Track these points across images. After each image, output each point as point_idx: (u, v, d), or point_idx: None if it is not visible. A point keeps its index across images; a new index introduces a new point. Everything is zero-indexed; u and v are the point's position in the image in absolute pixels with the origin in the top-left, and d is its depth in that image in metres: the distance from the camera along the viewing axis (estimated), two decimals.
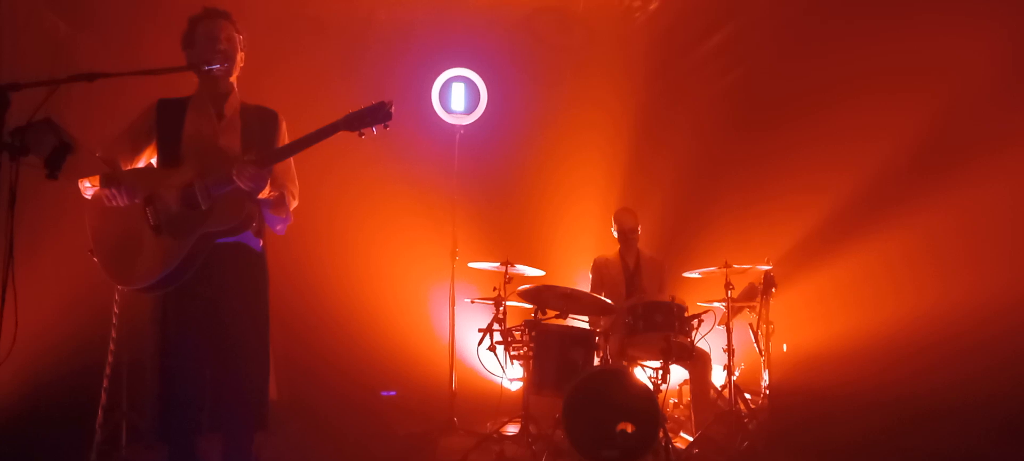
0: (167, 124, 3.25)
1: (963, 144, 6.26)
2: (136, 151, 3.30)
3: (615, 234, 6.22)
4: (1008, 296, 5.83)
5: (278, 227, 3.39)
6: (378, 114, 3.06)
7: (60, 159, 2.41)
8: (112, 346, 4.44)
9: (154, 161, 3.30)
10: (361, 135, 3.08)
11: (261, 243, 3.32)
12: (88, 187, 3.08)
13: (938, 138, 6.28)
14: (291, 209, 3.40)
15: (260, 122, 3.35)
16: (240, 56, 3.36)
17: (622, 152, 7.54)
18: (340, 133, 3.11)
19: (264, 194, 3.15)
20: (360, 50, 6.97)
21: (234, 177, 2.99)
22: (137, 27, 5.72)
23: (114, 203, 3.03)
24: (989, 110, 6.16)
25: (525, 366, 5.14)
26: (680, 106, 7.73)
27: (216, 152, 3.14)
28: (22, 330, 2.40)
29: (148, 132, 3.28)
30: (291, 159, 3.42)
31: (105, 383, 4.41)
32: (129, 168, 3.26)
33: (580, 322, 5.70)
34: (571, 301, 5.11)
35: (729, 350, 5.34)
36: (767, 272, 5.38)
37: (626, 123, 7.53)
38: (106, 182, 3.01)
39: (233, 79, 3.34)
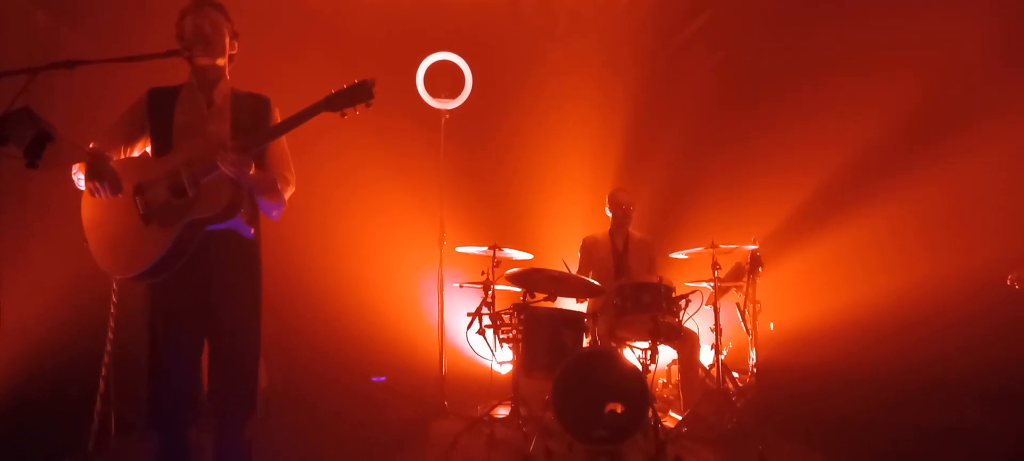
0: (158, 113, 3.24)
1: (949, 118, 6.28)
2: (130, 141, 3.30)
3: (608, 213, 6.23)
4: (996, 269, 5.86)
5: (273, 213, 3.38)
6: (360, 93, 3.01)
7: (40, 148, 2.39)
8: (111, 335, 4.43)
9: (150, 150, 3.30)
10: (343, 115, 3.04)
11: (252, 231, 3.31)
12: (81, 177, 3.07)
13: (924, 113, 6.30)
14: (287, 195, 3.39)
15: (251, 108, 3.33)
16: (230, 43, 3.35)
17: (608, 135, 7.56)
18: (326, 122, 3.09)
19: (253, 179, 3.12)
20: (344, 36, 6.93)
21: (218, 163, 2.98)
22: (120, 18, 5.67)
23: (98, 195, 3.02)
24: (976, 84, 6.18)
25: (514, 349, 5.16)
26: (665, 88, 7.74)
27: (203, 139, 3.12)
28: (7, 322, 2.39)
29: (141, 122, 3.27)
30: (286, 146, 3.42)
31: (103, 371, 4.40)
32: (124, 158, 3.26)
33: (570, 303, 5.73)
34: (559, 284, 5.13)
35: (716, 329, 5.37)
36: (753, 252, 5.42)
37: (611, 106, 7.54)
38: (91, 174, 3.00)
39: (222, 63, 3.33)
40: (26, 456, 4.38)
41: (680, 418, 5.20)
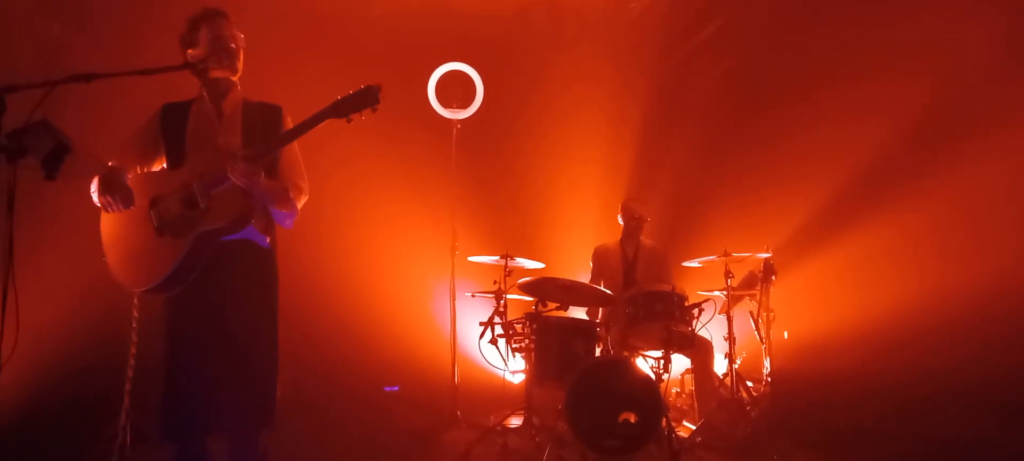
0: (171, 127, 3.28)
1: (961, 124, 6.24)
2: (145, 157, 3.34)
3: (621, 221, 6.21)
4: (1010, 278, 5.83)
5: (286, 222, 3.39)
6: (366, 98, 2.99)
7: (58, 160, 2.42)
8: (133, 349, 4.44)
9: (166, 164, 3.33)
10: (349, 121, 3.01)
11: (268, 240, 3.32)
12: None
13: (936, 119, 6.26)
14: (300, 203, 3.40)
15: (262, 118, 3.35)
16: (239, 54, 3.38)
17: (619, 143, 7.55)
18: (337, 133, 3.09)
19: (264, 188, 3.13)
20: (355, 47, 6.96)
21: (228, 173, 2.99)
22: (133, 29, 5.71)
23: (111, 210, 3.05)
24: (986, 89, 6.13)
25: (527, 358, 5.15)
26: (677, 95, 7.73)
27: (214, 150, 3.14)
28: (24, 332, 2.40)
29: (155, 137, 3.32)
30: (298, 153, 3.43)
31: (128, 385, 4.41)
32: (142, 173, 3.30)
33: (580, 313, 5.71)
34: (572, 293, 5.11)
35: (730, 339, 5.35)
36: (767, 260, 5.39)
37: (622, 114, 7.54)
38: (103, 189, 3.04)
39: (234, 77, 3.35)
40: None
41: (694, 428, 5.18)
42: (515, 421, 5.28)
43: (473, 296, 5.97)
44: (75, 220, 4.87)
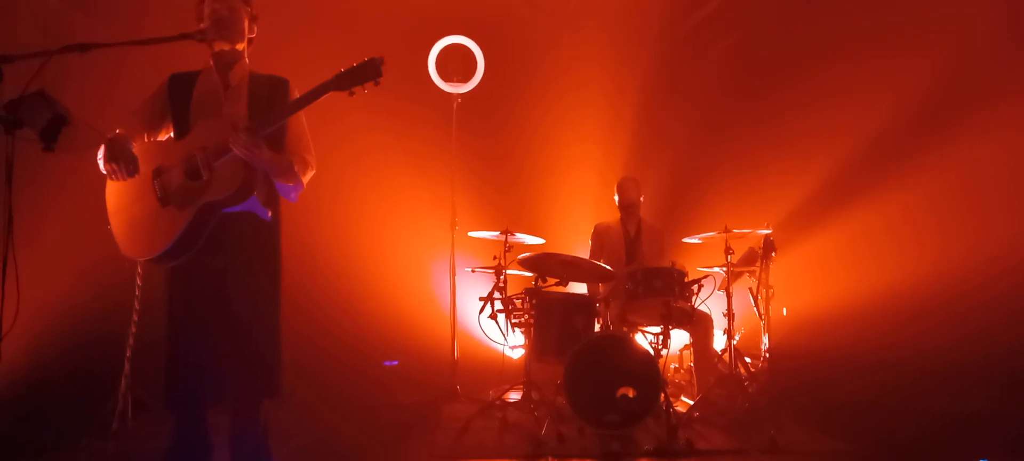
0: (177, 97, 3.29)
1: (962, 102, 6.23)
2: (152, 126, 3.35)
3: (617, 202, 6.21)
4: (1010, 255, 5.84)
5: (291, 195, 3.40)
6: (368, 71, 2.99)
7: (55, 131, 2.41)
8: (135, 317, 4.47)
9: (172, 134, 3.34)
10: (351, 93, 3.02)
11: (270, 213, 3.33)
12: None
13: (937, 97, 6.25)
14: (306, 177, 3.40)
15: (269, 90, 3.35)
16: (248, 26, 3.37)
17: (621, 119, 7.52)
18: (337, 107, 3.09)
19: (267, 160, 3.13)
20: (355, 20, 6.91)
21: (230, 145, 2.99)
22: (134, 2, 5.67)
23: (116, 178, 3.07)
24: (988, 68, 6.13)
25: (526, 333, 5.16)
26: (678, 72, 7.69)
27: (218, 121, 3.15)
28: (25, 304, 2.41)
29: (162, 107, 3.33)
30: (305, 126, 3.45)
31: (128, 353, 4.44)
32: (148, 142, 3.31)
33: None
34: (571, 268, 5.12)
35: (729, 315, 5.35)
36: (766, 236, 5.38)
37: (624, 91, 7.50)
38: (108, 157, 3.05)
39: (240, 48, 3.35)
40: (42, 437, 4.43)
41: (692, 403, 5.20)
42: (514, 396, 5.30)
43: (473, 271, 5.97)
44: (77, 193, 4.88)
